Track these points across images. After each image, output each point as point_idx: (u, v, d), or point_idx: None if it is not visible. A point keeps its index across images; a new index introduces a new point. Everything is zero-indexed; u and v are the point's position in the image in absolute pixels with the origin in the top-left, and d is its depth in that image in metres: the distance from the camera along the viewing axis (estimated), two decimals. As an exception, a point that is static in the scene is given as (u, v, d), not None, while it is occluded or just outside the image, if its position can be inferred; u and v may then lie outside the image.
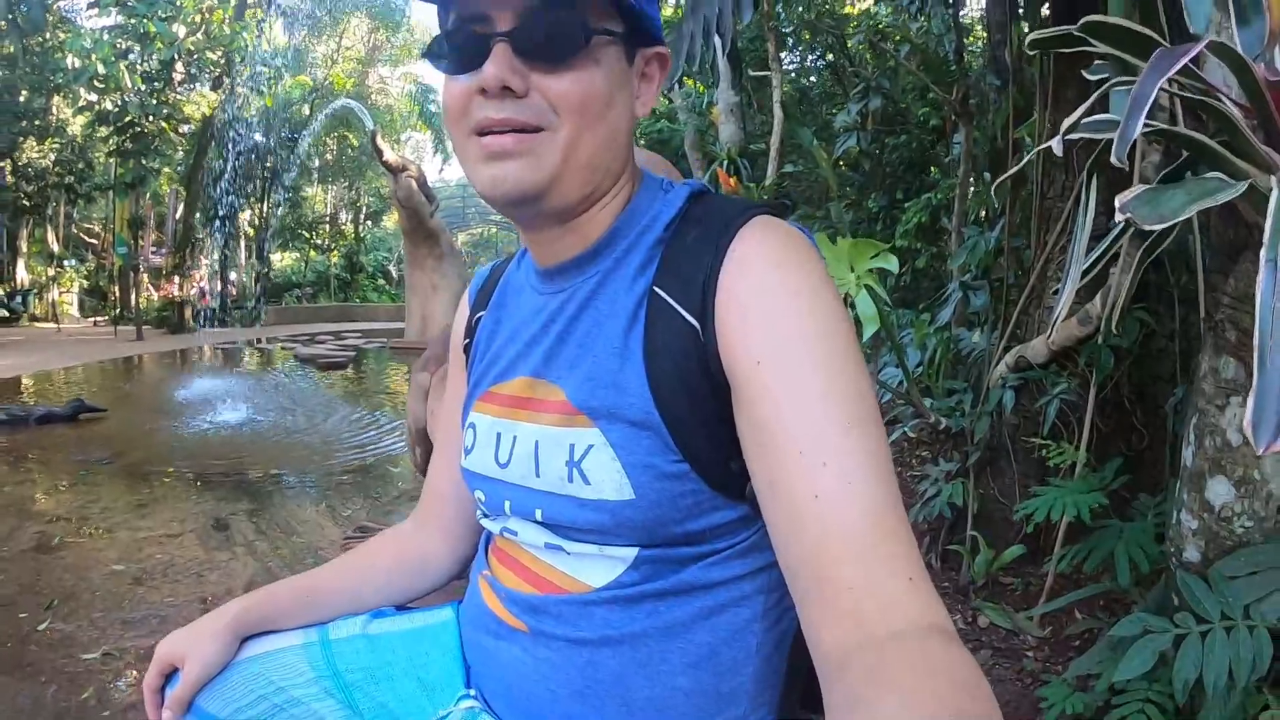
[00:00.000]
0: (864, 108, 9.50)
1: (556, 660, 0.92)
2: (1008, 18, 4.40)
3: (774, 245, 0.86)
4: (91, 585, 3.71)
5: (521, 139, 0.85)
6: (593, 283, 0.94)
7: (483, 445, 1.01)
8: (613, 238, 0.95)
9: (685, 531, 0.88)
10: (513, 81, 0.84)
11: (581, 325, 0.93)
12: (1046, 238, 3.40)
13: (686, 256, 0.89)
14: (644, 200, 0.97)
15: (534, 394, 0.96)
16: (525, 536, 0.97)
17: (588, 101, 0.86)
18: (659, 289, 0.89)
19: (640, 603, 0.89)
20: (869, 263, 2.95)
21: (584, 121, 0.87)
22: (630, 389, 0.87)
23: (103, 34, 18.37)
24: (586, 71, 0.86)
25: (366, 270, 32.21)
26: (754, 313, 0.82)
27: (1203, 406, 1.90)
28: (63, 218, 27.21)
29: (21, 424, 7.70)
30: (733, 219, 0.88)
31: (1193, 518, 1.91)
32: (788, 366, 0.79)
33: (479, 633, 1.03)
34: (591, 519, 0.88)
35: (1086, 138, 1.59)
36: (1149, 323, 2.94)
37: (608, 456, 0.87)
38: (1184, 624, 1.75)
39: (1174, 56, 1.23)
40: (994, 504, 3.47)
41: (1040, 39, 1.87)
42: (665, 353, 0.86)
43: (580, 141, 0.87)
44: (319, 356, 13.47)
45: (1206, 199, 1.28)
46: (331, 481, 5.70)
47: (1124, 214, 1.26)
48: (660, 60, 0.97)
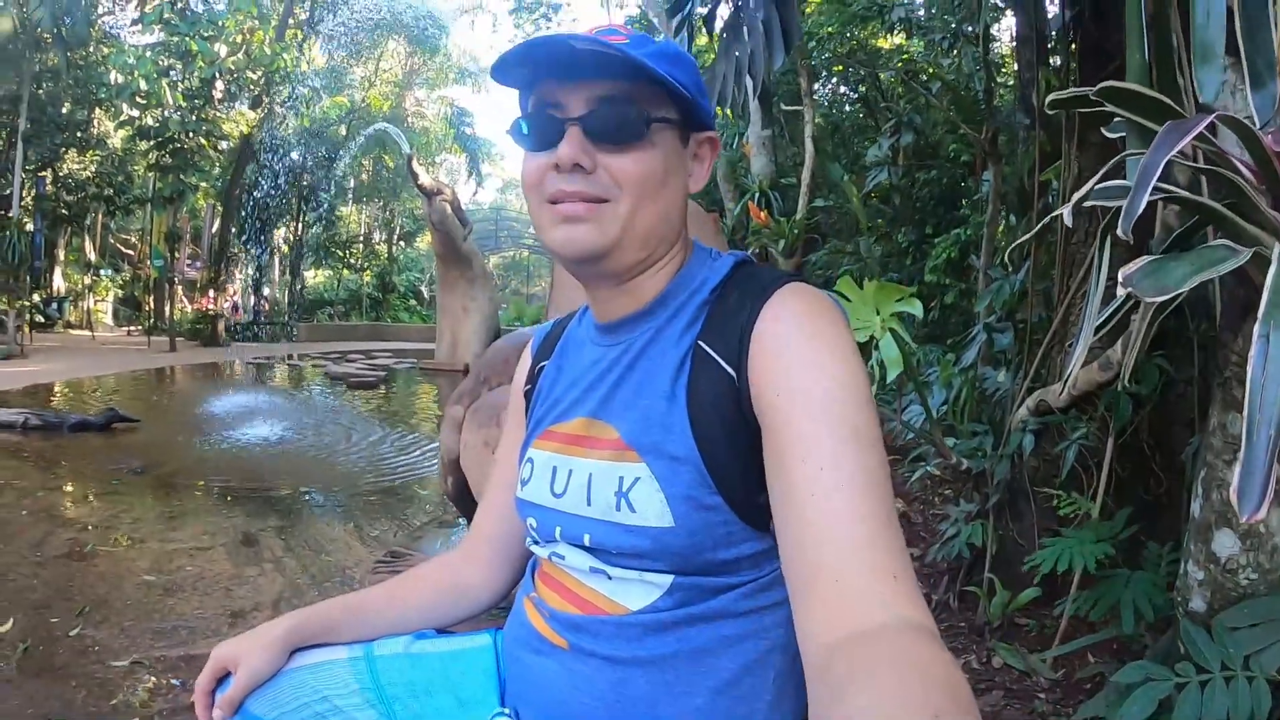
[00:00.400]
0: (895, 143, 9.54)
1: (591, 675, 1.01)
2: (1036, 58, 4.44)
3: (801, 305, 0.98)
4: (123, 594, 3.79)
5: (590, 207, 1.00)
6: (647, 337, 1.07)
7: (539, 477, 1.12)
8: (665, 299, 1.08)
9: (717, 560, 0.97)
10: (583, 160, 0.99)
11: (636, 374, 1.05)
12: (1070, 282, 3.43)
13: (727, 315, 1.01)
14: (694, 267, 1.10)
15: (590, 432, 1.07)
16: (572, 560, 1.07)
17: (645, 179, 1.01)
18: (703, 343, 1.01)
19: (672, 629, 0.98)
20: (894, 306, 3.00)
21: (641, 196, 1.01)
22: (675, 429, 0.98)
23: (145, 51, 18.77)
24: (645, 153, 1.01)
25: (398, 290, 32.49)
26: (779, 356, 0.94)
27: (1211, 460, 1.93)
28: (100, 228, 27.67)
29: (55, 430, 7.86)
30: (769, 284, 1.01)
31: (1199, 568, 1.94)
32: (802, 395, 0.90)
33: (520, 649, 1.12)
34: (635, 544, 0.98)
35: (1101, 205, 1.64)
36: (1168, 370, 2.96)
37: (653, 488, 0.98)
38: (1185, 673, 1.78)
39: (1181, 131, 1.28)
40: (1012, 546, 3.48)
41: (1059, 100, 1.92)
42: (706, 398, 0.98)
43: (638, 213, 1.01)
44: (350, 375, 13.59)
45: (1210, 270, 1.33)
46: (359, 501, 5.77)
47: (1127, 286, 1.32)
48: (711, 143, 1.12)
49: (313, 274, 32.53)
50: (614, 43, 0.95)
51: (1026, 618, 3.32)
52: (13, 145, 17.47)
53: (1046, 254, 4.01)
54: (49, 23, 16.00)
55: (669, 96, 1.03)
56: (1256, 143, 1.44)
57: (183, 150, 19.05)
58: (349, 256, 31.63)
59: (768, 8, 3.68)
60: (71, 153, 21.39)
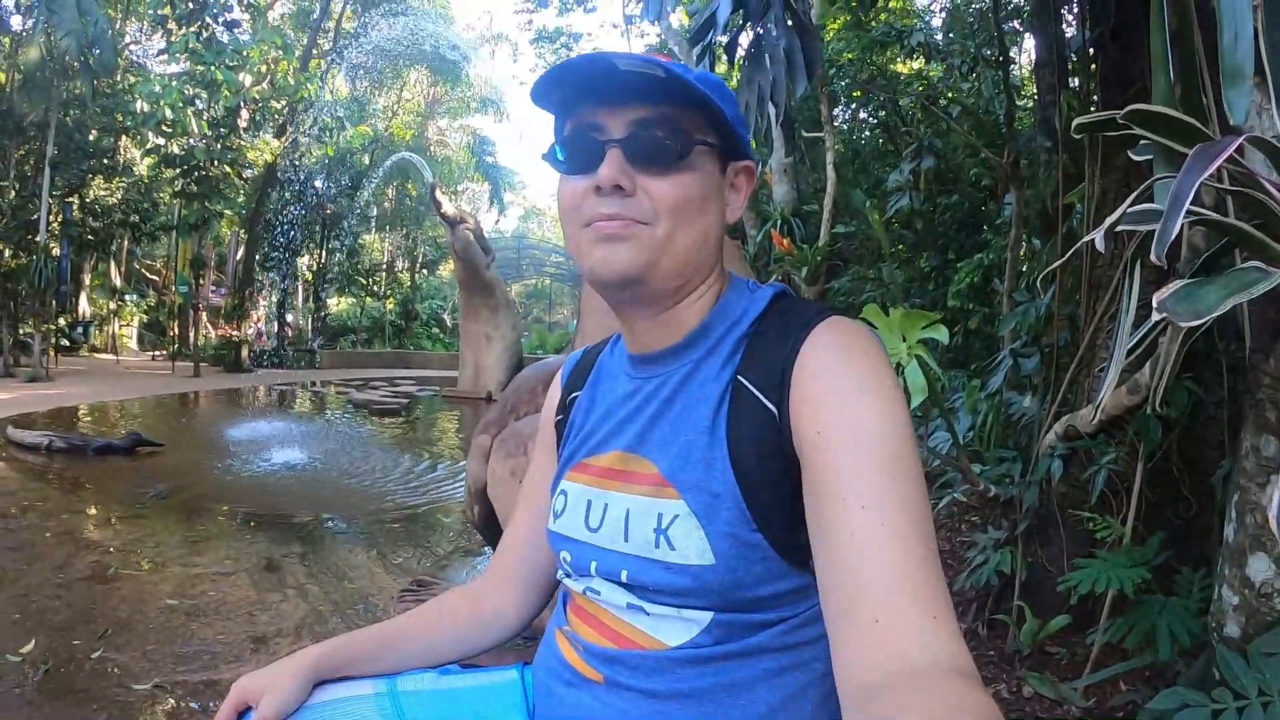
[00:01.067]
0: (916, 167, 9.53)
1: (627, 708, 0.99)
2: (1057, 80, 4.44)
3: (843, 339, 0.97)
4: (145, 617, 3.80)
5: (628, 225, 0.99)
6: (686, 370, 1.06)
7: (573, 510, 1.11)
8: (705, 330, 1.06)
9: (756, 596, 0.96)
10: (623, 182, 0.98)
11: (675, 408, 1.04)
12: (1096, 306, 3.40)
13: (768, 349, 1.00)
14: (733, 299, 1.09)
15: (627, 467, 1.06)
16: (608, 596, 1.05)
17: (684, 204, 1.00)
18: (742, 378, 1.00)
19: (710, 663, 0.97)
20: (919, 333, 3.00)
21: (680, 220, 1.00)
22: (716, 465, 0.97)
23: (171, 80, 19.06)
24: (685, 177, 1.00)
25: (421, 318, 32.63)
26: (820, 392, 0.93)
27: (1244, 484, 1.91)
28: (126, 254, 28.00)
29: (80, 454, 7.92)
30: (810, 318, 1.00)
31: (1233, 593, 1.91)
32: (843, 432, 0.89)
33: (552, 681, 1.10)
34: (674, 581, 0.97)
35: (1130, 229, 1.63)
36: (1198, 393, 2.93)
37: (693, 525, 0.96)
38: (1222, 699, 1.75)
39: (1212, 154, 1.28)
40: (1041, 573, 3.44)
41: (1085, 124, 1.91)
42: (747, 434, 0.97)
43: (676, 236, 1.01)
44: (373, 402, 13.64)
45: (1242, 293, 1.31)
46: (382, 528, 5.76)
47: (1161, 312, 1.30)
48: (748, 173, 1.12)
49: (336, 301, 32.76)
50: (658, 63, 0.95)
51: (1057, 646, 3.28)
52: (40, 171, 17.68)
53: (1072, 277, 3.98)
54: (76, 51, 16.22)
55: (708, 124, 1.02)
56: (1287, 165, 1.43)
57: (208, 178, 19.30)
58: (372, 284, 31.82)
59: (790, 36, 3.71)
60: (98, 179, 21.62)
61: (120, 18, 22.46)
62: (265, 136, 22.07)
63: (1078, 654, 3.18)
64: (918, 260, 10.60)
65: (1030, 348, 4.37)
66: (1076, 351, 3.55)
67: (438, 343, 31.35)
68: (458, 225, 13.85)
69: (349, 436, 10.51)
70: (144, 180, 23.29)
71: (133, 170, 23.60)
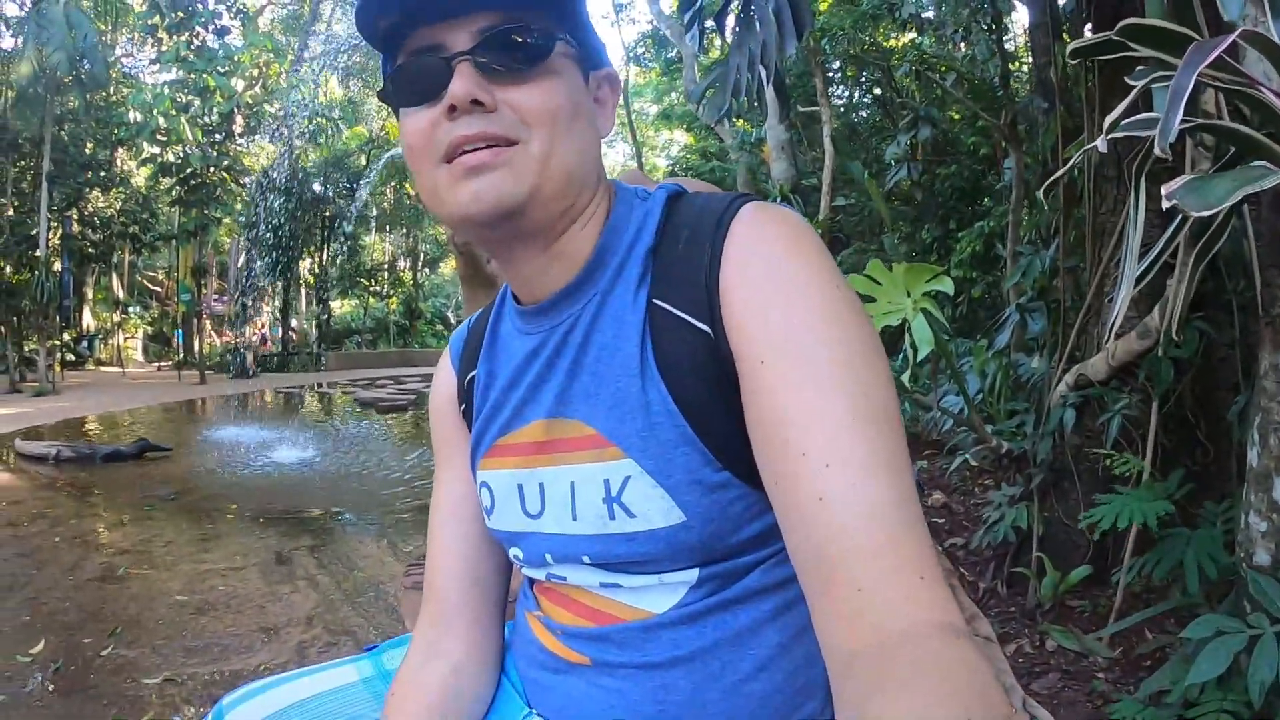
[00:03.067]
0: (913, 138, 9.48)
1: (625, 689, 0.89)
2: (1051, 39, 4.38)
3: (770, 236, 0.83)
4: (155, 614, 3.78)
5: (498, 152, 0.82)
6: (593, 307, 0.90)
7: (504, 501, 0.97)
8: (601, 255, 0.90)
9: (741, 540, 0.85)
10: (482, 96, 0.82)
11: (591, 352, 0.89)
12: (1101, 254, 3.35)
13: (681, 262, 0.86)
14: (623, 212, 0.93)
15: (554, 435, 0.91)
16: (576, 579, 0.93)
17: (556, 112, 0.85)
18: (659, 300, 0.86)
19: (706, 617, 0.87)
20: (924, 286, 2.94)
21: (555, 131, 0.84)
22: (656, 409, 0.84)
23: (164, 88, 19.09)
24: (550, 82, 0.85)
25: (425, 316, 32.65)
26: (757, 311, 0.79)
27: (1265, 405, 1.86)
28: (127, 266, 28.06)
29: (88, 461, 7.92)
30: (722, 214, 0.85)
31: (1261, 519, 1.86)
32: (790, 363, 0.76)
33: (536, 669, 0.99)
34: (643, 551, 0.85)
35: (1131, 136, 1.58)
36: (1209, 332, 2.88)
37: (648, 484, 0.84)
38: (1258, 624, 1.70)
39: (1209, 48, 1.23)
40: (1059, 526, 3.40)
41: (1081, 47, 1.86)
42: (683, 364, 0.83)
43: (554, 151, 0.84)
44: (379, 400, 13.65)
45: (1252, 184, 1.26)
46: (392, 519, 5.76)
47: (1171, 200, 1.25)
48: (610, 82, 0.95)
49: (339, 303, 32.75)
50: None
51: (1078, 599, 3.24)
52: (38, 186, 17.74)
53: (1074, 231, 3.94)
54: (67, 67, 16.25)
55: (561, 24, 0.88)
56: (1289, 61, 1.38)
57: (205, 184, 19.33)
58: (374, 285, 31.83)
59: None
60: (96, 192, 21.68)
61: (110, 30, 22.45)
62: (260, 141, 22.07)
63: (1100, 605, 3.14)
64: (919, 232, 10.55)
65: (1036, 302, 4.32)
66: (1083, 304, 3.50)
67: (442, 340, 31.26)
68: (458, 221, 13.78)
69: (356, 434, 10.52)
70: (141, 191, 23.35)
71: (130, 181, 23.65)
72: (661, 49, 19.16)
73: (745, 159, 12.36)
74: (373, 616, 3.74)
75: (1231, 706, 1.78)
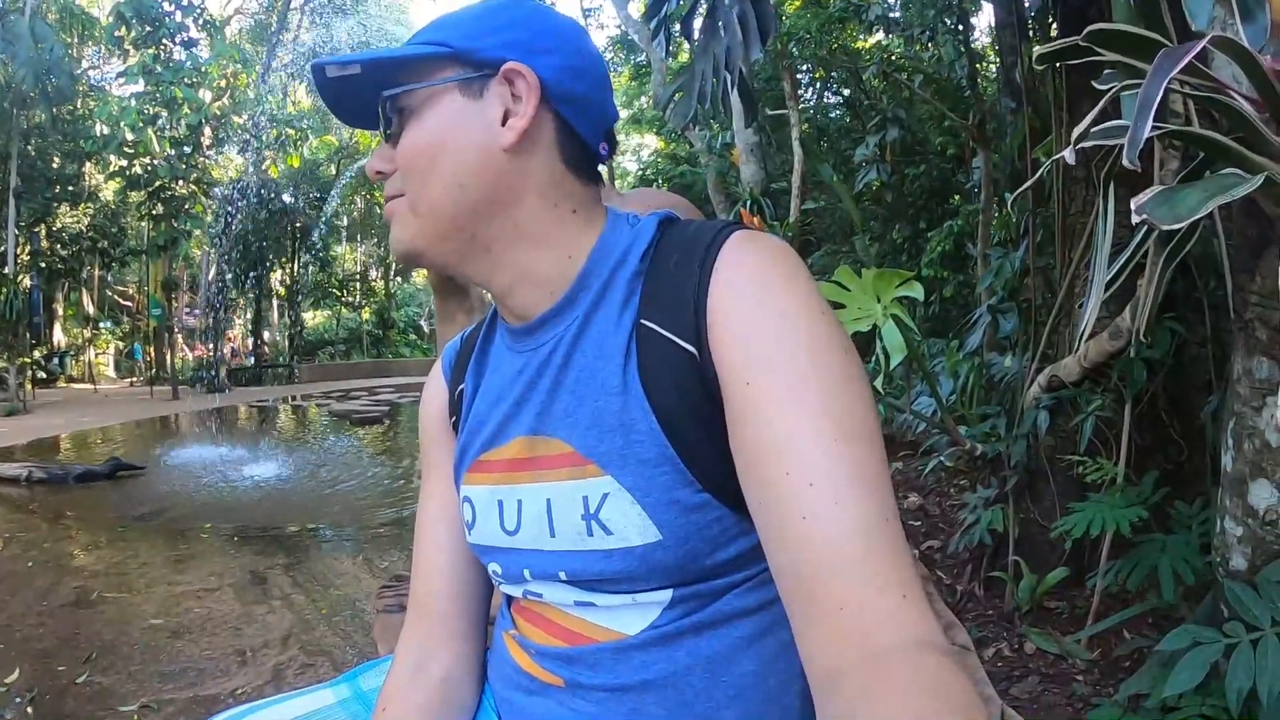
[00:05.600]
0: (882, 140, 9.51)
1: (596, 712, 0.89)
2: (1018, 39, 4.41)
3: (758, 261, 0.84)
4: (130, 639, 3.73)
5: (389, 208, 0.93)
6: (575, 329, 0.91)
7: (484, 516, 0.98)
8: (584, 279, 0.91)
9: (716, 562, 0.85)
10: (383, 167, 0.93)
11: (571, 373, 0.90)
12: (1071, 254, 3.37)
13: (670, 284, 0.87)
14: (611, 237, 0.94)
15: (534, 452, 0.92)
16: (552, 596, 0.94)
17: (410, 157, 0.90)
18: (646, 321, 0.87)
19: (679, 640, 0.87)
20: (895, 292, 2.94)
21: (415, 176, 0.90)
22: (638, 427, 0.84)
23: (130, 100, 18.87)
24: (410, 130, 0.90)
25: (398, 326, 32.47)
26: (743, 333, 0.80)
27: (1239, 410, 1.86)
28: (97, 281, 27.75)
29: (60, 483, 7.81)
30: (712, 240, 0.86)
31: (1237, 524, 1.87)
32: (775, 386, 0.77)
33: (510, 690, 1.00)
34: (619, 568, 0.86)
35: (1100, 144, 1.58)
36: (1180, 332, 2.90)
37: (626, 502, 0.84)
38: (1234, 633, 1.70)
39: (1179, 55, 1.22)
40: (1035, 528, 3.41)
41: (1048, 53, 1.86)
42: (667, 383, 0.84)
43: (419, 195, 0.90)
44: (354, 412, 13.56)
45: (1223, 195, 1.26)
46: (368, 535, 5.72)
47: (1140, 215, 1.25)
48: (518, 75, 0.88)
49: (311, 315, 32.52)
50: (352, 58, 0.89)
51: (1056, 601, 3.25)
52: (4, 203, 17.48)
53: (1044, 230, 3.96)
54: (32, 82, 16.05)
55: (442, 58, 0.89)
56: (1256, 67, 1.39)
57: (174, 198, 19.13)
58: (346, 295, 31.63)
59: (742, 2, 3.65)
60: (64, 207, 21.42)
61: (76, 43, 22.22)
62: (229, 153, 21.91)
63: (1078, 607, 3.15)
64: (890, 233, 10.60)
65: (1008, 303, 4.34)
66: (1054, 303, 3.51)
67: (416, 349, 31.24)
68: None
69: (331, 447, 10.45)
70: (110, 205, 23.08)
71: (98, 196, 23.37)
72: (630, 54, 19.13)
73: (714, 163, 12.36)
74: (349, 635, 3.71)
75: (1210, 711, 1.78)
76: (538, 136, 0.90)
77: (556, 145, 0.92)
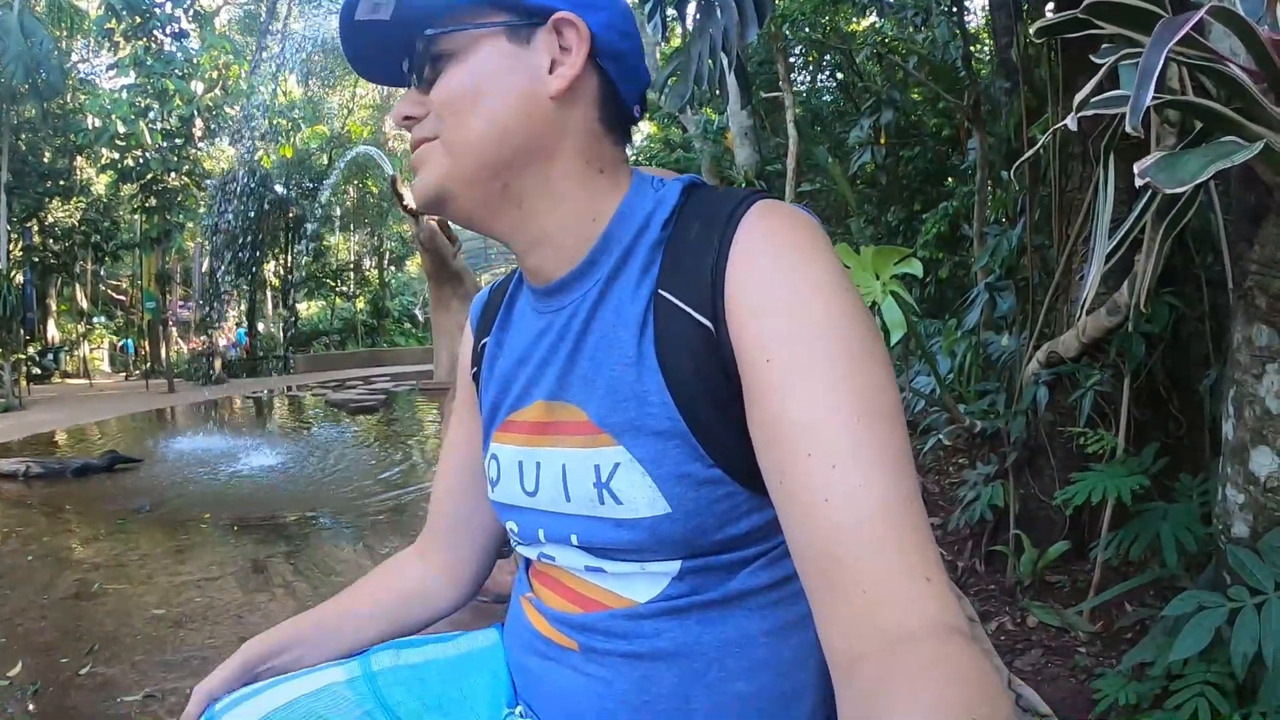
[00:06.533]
0: (876, 122, 9.51)
1: (610, 676, 0.90)
2: (1013, 19, 4.40)
3: (779, 234, 0.83)
4: (132, 629, 3.72)
5: (419, 151, 0.92)
6: (594, 294, 0.90)
7: (507, 476, 0.99)
8: (606, 242, 0.91)
9: (726, 538, 0.85)
10: (413, 111, 0.92)
11: (590, 339, 0.90)
12: (1069, 231, 3.38)
13: (689, 254, 0.86)
14: (635, 201, 0.93)
15: (554, 417, 0.93)
16: (564, 560, 0.95)
17: (451, 99, 0.88)
18: (664, 291, 0.86)
19: (688, 613, 0.87)
20: (893, 269, 2.95)
21: (454, 117, 0.88)
22: (651, 399, 0.84)
23: (122, 93, 18.82)
24: (452, 70, 0.88)
25: (393, 315, 32.43)
26: (762, 309, 0.79)
27: (1239, 377, 1.87)
28: (91, 275, 27.65)
29: (58, 477, 7.79)
30: (733, 209, 0.85)
31: (1238, 491, 1.88)
32: (796, 362, 0.76)
33: (526, 654, 1.01)
34: (628, 538, 0.86)
35: (1099, 114, 1.59)
36: (1178, 306, 2.91)
37: (637, 473, 0.84)
38: (1238, 597, 1.72)
39: (1178, 25, 1.23)
40: (1035, 503, 3.42)
41: (1047, 26, 1.86)
42: (681, 357, 0.83)
43: (454, 137, 0.89)
44: (350, 401, 13.51)
45: (1223, 160, 1.26)
46: (367, 521, 5.70)
47: (1143, 178, 1.25)
48: (569, 25, 0.88)
49: (306, 305, 32.45)
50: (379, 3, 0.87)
51: (1057, 575, 3.27)
52: (-4, 198, 17.47)
53: (1041, 208, 3.96)
54: (22, 76, 15.99)
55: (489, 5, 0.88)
56: (1254, 37, 1.39)
57: (166, 190, 19.07)
58: (340, 285, 31.56)
59: (739, -17, 3.64)
60: (56, 201, 21.35)
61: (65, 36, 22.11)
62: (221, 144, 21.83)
63: (1079, 580, 3.17)
64: (885, 215, 10.61)
65: (1005, 281, 4.35)
66: (1051, 282, 3.52)
67: (411, 338, 31.22)
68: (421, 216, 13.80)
69: (328, 437, 10.42)
70: (102, 199, 23.01)
71: (90, 190, 23.30)
72: (623, 38, 19.05)
73: (709, 148, 12.35)
74: (354, 621, 3.70)
75: (1215, 678, 1.80)
76: (581, 90, 0.90)
77: (597, 102, 0.91)
